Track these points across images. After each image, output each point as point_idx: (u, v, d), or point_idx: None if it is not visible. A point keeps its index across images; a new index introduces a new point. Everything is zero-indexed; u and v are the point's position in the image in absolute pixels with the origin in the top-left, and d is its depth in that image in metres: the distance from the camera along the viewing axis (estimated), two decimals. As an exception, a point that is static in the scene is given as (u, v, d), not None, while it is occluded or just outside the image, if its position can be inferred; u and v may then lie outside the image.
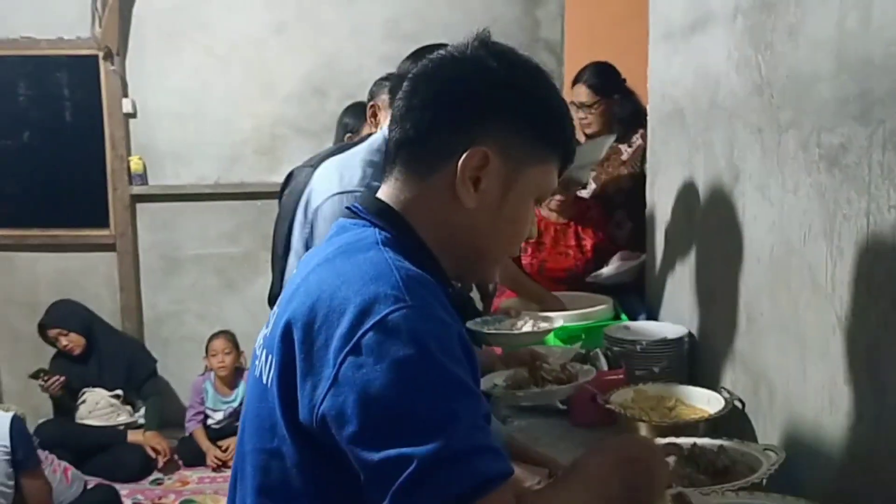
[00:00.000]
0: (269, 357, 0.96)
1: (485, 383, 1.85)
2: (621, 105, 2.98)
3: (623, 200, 2.92)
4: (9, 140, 4.44)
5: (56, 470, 3.32)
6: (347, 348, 0.85)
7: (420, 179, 1.02)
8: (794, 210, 1.57)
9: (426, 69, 1.05)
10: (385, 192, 1.05)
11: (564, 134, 1.07)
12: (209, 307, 4.42)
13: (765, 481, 1.47)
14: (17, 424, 2.86)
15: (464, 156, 0.98)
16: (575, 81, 3.03)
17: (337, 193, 1.74)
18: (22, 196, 4.46)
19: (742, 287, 1.85)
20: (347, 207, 1.08)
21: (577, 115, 2.95)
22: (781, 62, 1.60)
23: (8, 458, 2.80)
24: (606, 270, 2.70)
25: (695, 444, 1.66)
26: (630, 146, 2.98)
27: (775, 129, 1.64)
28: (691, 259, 2.19)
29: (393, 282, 0.88)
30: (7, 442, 2.80)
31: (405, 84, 1.06)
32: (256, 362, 1.03)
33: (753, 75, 1.73)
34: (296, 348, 0.89)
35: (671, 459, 1.18)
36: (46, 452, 3.40)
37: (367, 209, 1.04)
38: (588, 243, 2.84)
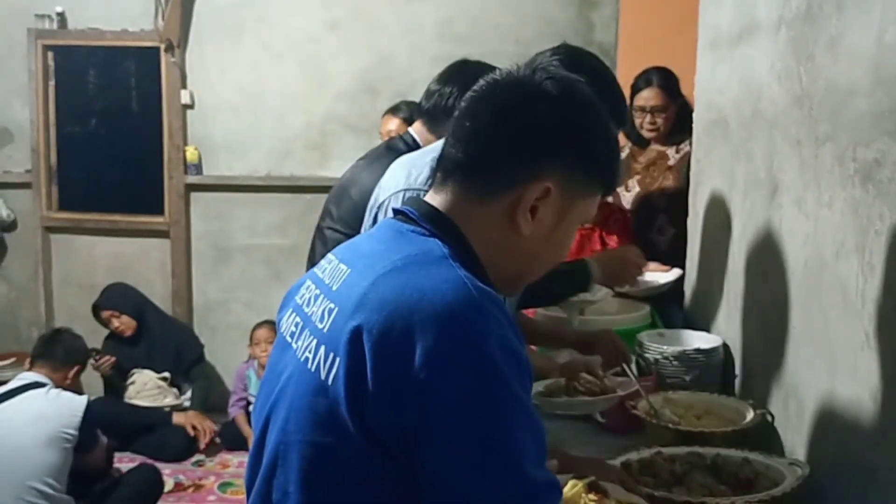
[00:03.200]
0: (332, 357, 0.95)
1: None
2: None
3: (666, 205, 2.90)
4: (76, 127, 4.62)
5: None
6: (427, 367, 0.88)
7: (477, 200, 1.04)
8: (829, 224, 1.55)
9: (490, 91, 1.08)
10: (439, 202, 1.07)
11: (616, 168, 1.12)
12: (256, 297, 4.51)
13: (787, 496, 1.47)
14: (91, 410, 2.89)
15: (528, 189, 1.02)
16: (643, 85, 2.98)
17: (403, 190, 1.74)
18: (84, 181, 4.63)
19: (776, 300, 1.83)
20: (396, 210, 1.10)
21: (644, 118, 2.94)
22: (821, 74, 1.58)
23: (71, 444, 2.83)
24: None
25: (718, 455, 1.66)
26: (678, 152, 2.95)
27: (813, 142, 1.62)
28: (729, 270, 2.18)
29: (471, 301, 0.92)
30: (75, 430, 2.83)
31: (466, 103, 1.09)
32: (304, 349, 1.01)
33: (794, 87, 1.72)
34: (368, 356, 0.91)
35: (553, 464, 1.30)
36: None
37: (422, 215, 1.05)
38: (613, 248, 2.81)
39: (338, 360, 0.94)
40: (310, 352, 1.00)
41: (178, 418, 4.05)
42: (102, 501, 3.03)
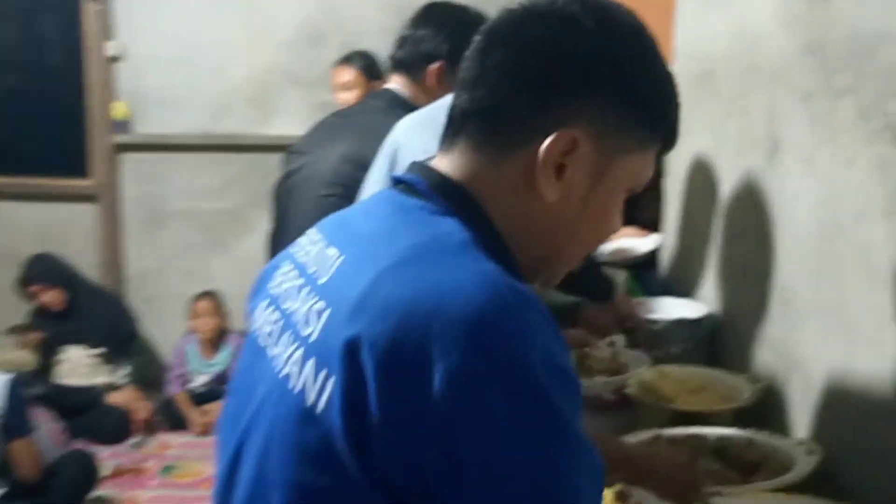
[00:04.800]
0: (324, 375, 0.73)
1: None
2: None
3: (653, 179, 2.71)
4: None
5: (52, 434, 3.29)
6: (455, 391, 0.66)
7: (491, 161, 0.82)
8: (848, 185, 1.42)
9: (505, 24, 0.85)
10: (446, 167, 0.85)
11: (672, 114, 0.87)
12: (195, 265, 4.25)
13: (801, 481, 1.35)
14: (15, 389, 2.75)
15: (548, 140, 0.80)
16: None
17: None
18: (1, 142, 4.28)
19: (777, 267, 1.70)
20: (396, 178, 0.87)
21: None
22: (840, 19, 1.44)
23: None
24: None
25: (722, 437, 1.54)
26: None
27: (828, 95, 1.48)
28: (716, 235, 2.04)
29: (506, 303, 0.70)
30: (3, 403, 2.68)
31: (477, 41, 0.86)
32: (286, 361, 0.79)
33: (804, 34, 1.57)
34: (371, 377, 0.69)
35: None
36: (42, 411, 3.36)
37: (431, 186, 0.83)
38: None
39: (331, 380, 0.72)
40: (293, 366, 0.77)
41: (113, 398, 3.80)
42: (32, 493, 2.80)
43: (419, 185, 0.83)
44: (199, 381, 3.99)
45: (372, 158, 1.83)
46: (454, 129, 0.85)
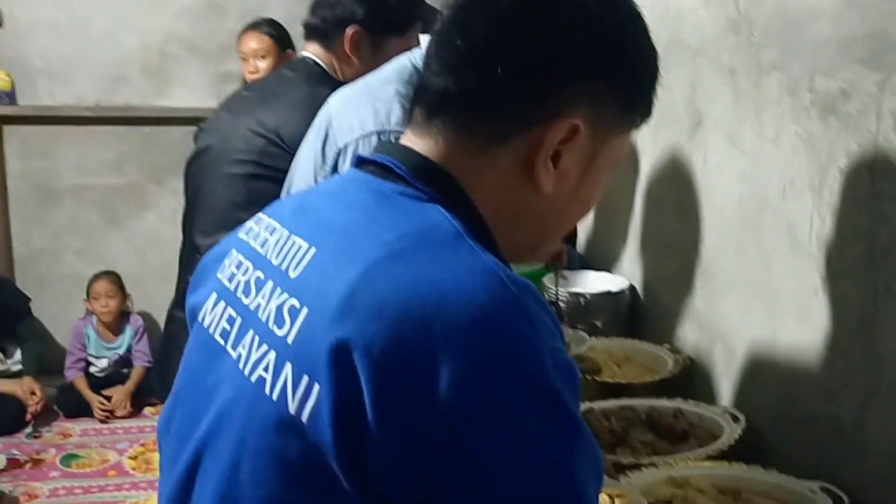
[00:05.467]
0: (307, 382, 0.66)
1: None
2: None
3: None
4: None
5: None
6: (464, 397, 0.62)
7: (481, 149, 0.77)
8: (773, 160, 1.45)
9: None
10: (424, 149, 0.78)
11: (654, 91, 0.83)
12: (90, 244, 4.01)
13: (730, 448, 1.39)
14: None
15: (549, 130, 0.75)
16: None
17: (374, 133, 1.42)
18: None
19: (699, 240, 1.73)
20: (363, 159, 0.81)
21: None
22: (767, -3, 1.46)
23: None
24: None
25: (652, 408, 1.57)
26: None
27: (754, 71, 1.50)
28: (635, 208, 2.07)
29: (512, 301, 0.65)
30: None
31: (451, 14, 0.79)
32: (255, 362, 0.72)
33: (728, 10, 1.58)
34: (366, 385, 0.63)
35: None
36: None
37: (412, 170, 0.76)
38: None
39: (317, 387, 0.65)
40: (265, 369, 0.70)
41: (5, 386, 3.57)
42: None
43: (397, 167, 0.77)
44: (100, 364, 3.80)
45: (292, 132, 1.74)
46: (430, 110, 0.78)
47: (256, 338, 0.73)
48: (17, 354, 3.77)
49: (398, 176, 0.76)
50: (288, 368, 0.68)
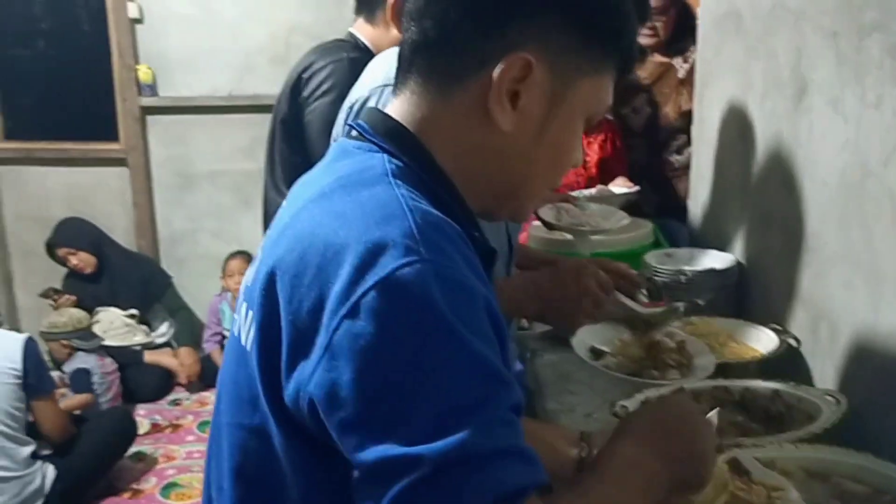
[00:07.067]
0: (249, 313, 0.76)
1: (579, 346, 1.60)
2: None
3: (684, 124, 2.57)
4: (16, 48, 4.24)
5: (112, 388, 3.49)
6: (343, 311, 0.65)
7: (441, 94, 0.80)
8: (875, 127, 1.36)
9: None
10: (397, 109, 0.83)
11: (628, 35, 0.83)
12: (225, 225, 4.27)
13: (825, 431, 1.32)
14: (30, 347, 2.75)
15: (500, 65, 0.77)
16: None
17: (382, 86, 1.42)
18: (31, 107, 4.30)
19: (803, 213, 1.65)
20: (348, 124, 0.87)
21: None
22: (868, -48, 1.36)
23: (19, 381, 2.70)
24: (587, 193, 2.40)
25: (747, 389, 1.51)
26: (686, 61, 2.61)
27: (855, 33, 1.41)
28: (743, 181, 1.99)
29: (405, 227, 0.68)
30: (19, 365, 2.70)
31: None
32: (236, 316, 0.83)
33: (831, -31, 1.49)
34: (280, 306, 0.70)
35: (714, 415, 1.00)
36: (111, 364, 3.51)
37: (374, 129, 0.81)
38: (592, 158, 2.59)
39: (252, 315, 0.75)
40: (238, 314, 0.82)
41: (150, 357, 3.87)
42: (70, 450, 2.85)
43: (363, 129, 0.82)
44: (234, 338, 4.04)
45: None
46: (405, 67, 0.83)
47: (244, 288, 0.83)
48: (162, 328, 4.07)
49: (362, 134, 0.82)
50: (244, 308, 0.78)
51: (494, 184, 0.82)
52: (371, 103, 1.44)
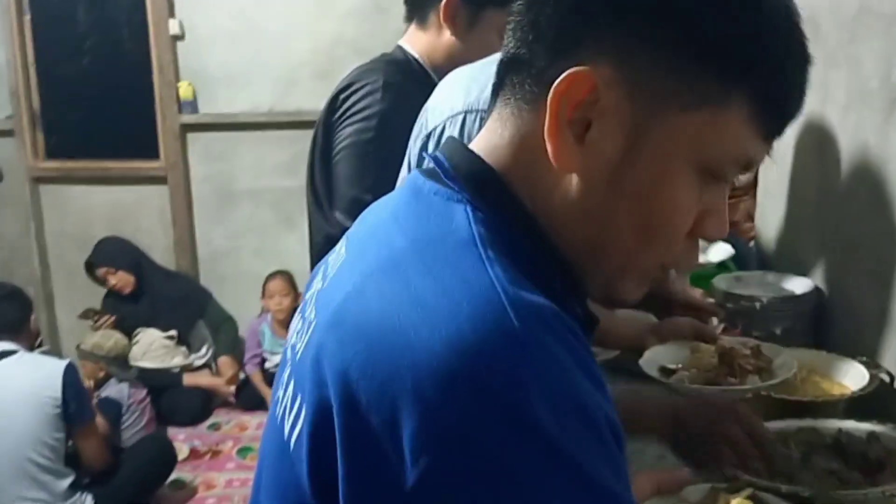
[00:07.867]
0: (299, 401, 0.60)
1: (648, 366, 1.48)
2: None
3: None
4: (58, 66, 4.25)
5: (144, 415, 3.38)
6: (431, 436, 0.50)
7: (520, 119, 0.64)
8: None
9: None
10: (482, 142, 0.66)
11: (771, 62, 0.60)
12: (266, 243, 4.20)
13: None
14: (70, 375, 2.70)
15: (556, 81, 0.59)
16: None
17: (462, 112, 1.29)
18: (72, 126, 4.30)
19: (893, 237, 1.50)
20: (429, 155, 0.70)
21: None
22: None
23: (59, 410, 2.65)
24: None
25: (840, 431, 1.36)
26: None
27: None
28: (821, 201, 1.84)
29: (505, 326, 0.52)
30: (59, 393, 2.64)
31: None
32: (280, 377, 0.68)
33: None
34: (336, 408, 0.54)
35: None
36: (142, 392, 3.42)
37: (455, 168, 0.64)
38: None
39: (303, 410, 0.58)
40: (282, 386, 0.65)
41: (189, 379, 3.80)
42: (108, 480, 2.78)
43: (441, 164, 0.66)
44: (274, 360, 3.96)
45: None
46: (494, 90, 0.68)
47: (290, 352, 0.68)
48: (203, 349, 4.00)
49: (442, 173, 0.65)
50: (291, 386, 0.63)
51: (576, 243, 0.63)
52: (448, 132, 1.31)
